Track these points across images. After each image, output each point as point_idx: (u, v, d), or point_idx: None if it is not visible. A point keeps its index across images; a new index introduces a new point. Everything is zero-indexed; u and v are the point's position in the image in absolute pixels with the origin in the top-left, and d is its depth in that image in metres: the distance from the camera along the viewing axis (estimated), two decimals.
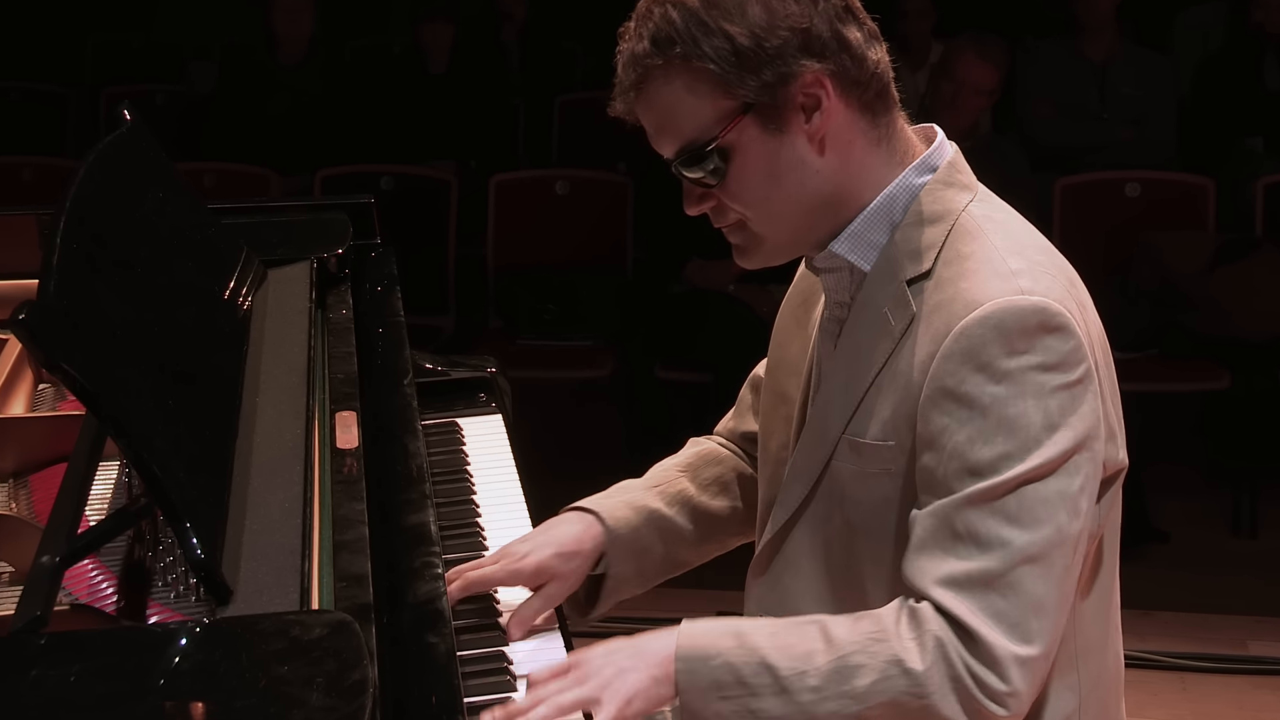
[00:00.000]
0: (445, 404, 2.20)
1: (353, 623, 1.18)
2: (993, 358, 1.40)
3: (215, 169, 4.67)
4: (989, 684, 1.39)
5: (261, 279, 2.01)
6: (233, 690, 1.11)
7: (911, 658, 1.40)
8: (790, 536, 1.60)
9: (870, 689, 1.41)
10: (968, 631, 1.39)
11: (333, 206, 2.35)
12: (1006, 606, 1.39)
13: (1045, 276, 1.45)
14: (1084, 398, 1.42)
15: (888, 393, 1.48)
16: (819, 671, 1.42)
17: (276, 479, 1.52)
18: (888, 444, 1.48)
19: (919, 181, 1.52)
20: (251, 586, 1.33)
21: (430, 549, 1.61)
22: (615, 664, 1.46)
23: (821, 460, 1.55)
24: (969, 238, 1.48)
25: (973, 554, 1.40)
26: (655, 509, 1.73)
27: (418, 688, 1.39)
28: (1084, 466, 1.42)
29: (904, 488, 1.48)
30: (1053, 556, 1.41)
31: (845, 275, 1.55)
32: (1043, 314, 1.41)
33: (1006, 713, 1.40)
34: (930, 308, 1.46)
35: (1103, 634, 1.58)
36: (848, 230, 1.52)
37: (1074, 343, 1.42)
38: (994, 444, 1.40)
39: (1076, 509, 1.42)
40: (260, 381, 1.73)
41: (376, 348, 2.05)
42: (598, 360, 4.34)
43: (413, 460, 1.78)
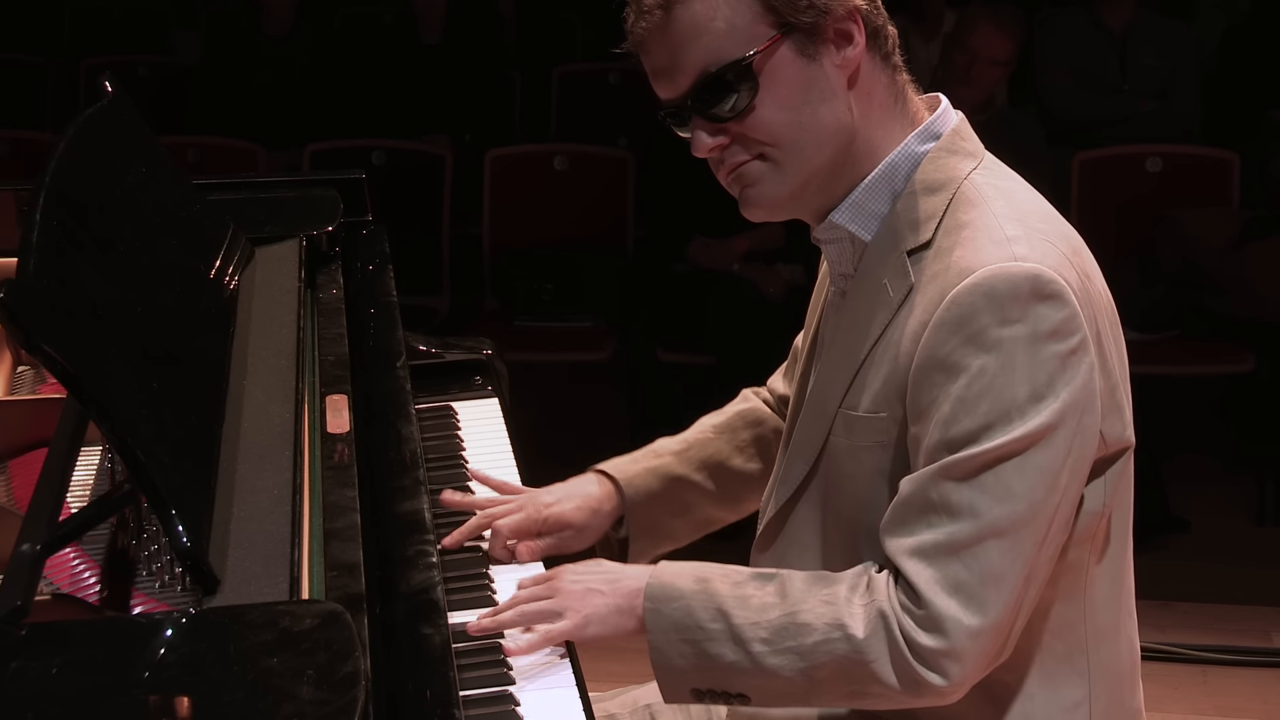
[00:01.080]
0: (439, 387, 2.21)
1: (344, 613, 1.18)
2: (983, 326, 1.42)
3: (200, 143, 4.67)
4: (929, 653, 1.43)
5: (248, 258, 2.01)
6: (220, 683, 1.12)
7: (855, 624, 1.46)
8: (794, 513, 1.62)
9: (814, 648, 1.48)
10: (924, 605, 1.43)
11: (322, 182, 2.35)
12: (967, 577, 1.43)
13: (1042, 243, 1.46)
14: (1077, 369, 1.43)
15: (882, 364, 1.50)
16: (770, 624, 1.49)
17: (265, 465, 1.52)
18: (879, 416, 1.50)
19: (921, 149, 1.53)
20: (239, 576, 1.33)
21: (424, 537, 1.61)
22: (586, 584, 1.57)
23: (821, 435, 1.57)
24: (969, 206, 1.50)
25: (943, 523, 1.44)
26: (681, 475, 1.81)
27: (412, 681, 1.39)
28: (1069, 440, 1.43)
29: (896, 460, 1.50)
30: (1022, 532, 1.43)
31: (847, 246, 1.56)
32: (1035, 281, 1.42)
33: (945, 682, 1.44)
34: (928, 277, 1.48)
35: (1114, 620, 1.59)
36: (848, 200, 1.53)
37: (1068, 311, 1.42)
38: (976, 414, 1.42)
39: (1055, 484, 1.43)
40: (248, 364, 1.74)
41: (368, 329, 2.05)
42: (597, 342, 4.34)
43: (406, 445, 1.78)
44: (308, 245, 2.12)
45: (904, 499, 1.47)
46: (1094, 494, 1.51)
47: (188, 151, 4.53)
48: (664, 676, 1.53)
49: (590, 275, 4.44)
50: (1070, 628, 1.55)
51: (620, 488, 1.79)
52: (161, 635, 1.18)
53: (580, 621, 1.55)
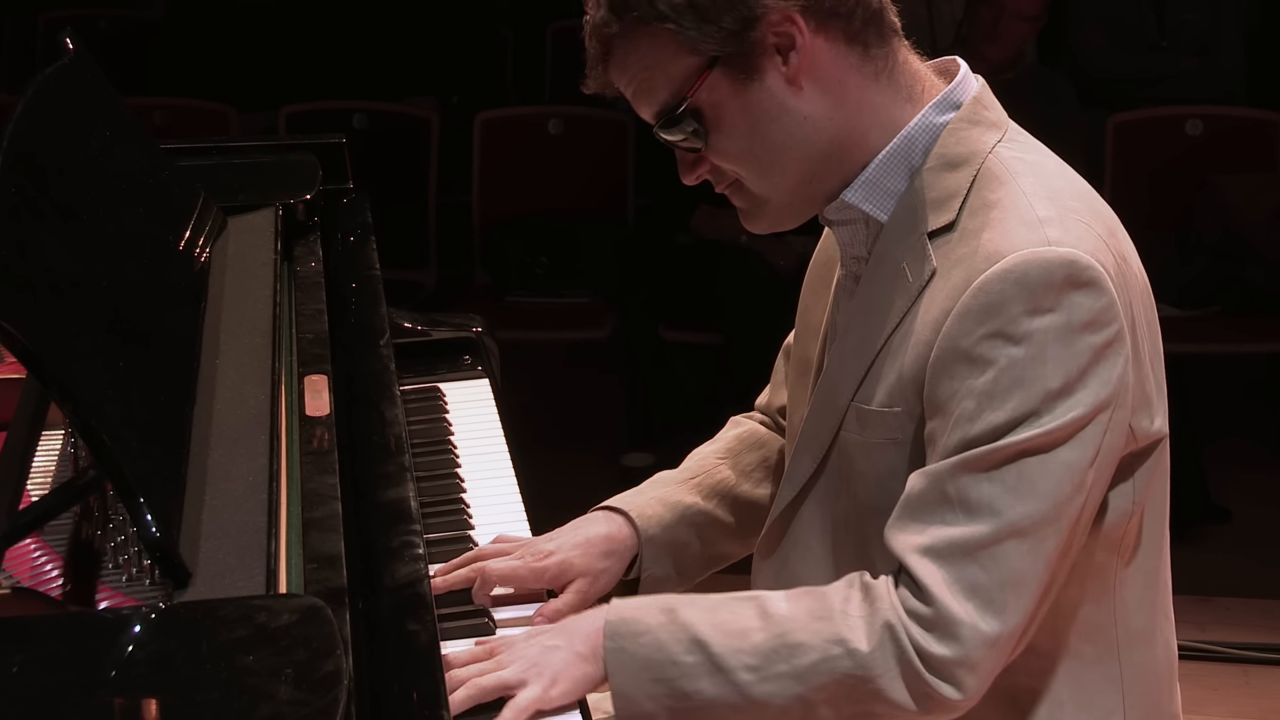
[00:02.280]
0: (426, 367, 2.21)
1: (324, 608, 1.19)
2: (1013, 317, 1.41)
3: (167, 104, 4.66)
4: (942, 663, 1.41)
5: (221, 228, 2.02)
6: (192, 682, 1.12)
7: (857, 637, 1.43)
8: (799, 514, 1.61)
9: (811, 668, 1.44)
10: (934, 604, 1.41)
11: (299, 147, 2.35)
12: (985, 580, 1.42)
13: (1077, 225, 1.45)
14: (1112, 363, 1.43)
15: (899, 354, 1.49)
16: (756, 649, 1.45)
17: (239, 450, 1.52)
18: (893, 410, 1.50)
19: (940, 120, 1.52)
20: (212, 568, 1.34)
21: (410, 527, 1.62)
22: (540, 643, 1.49)
23: (830, 430, 1.56)
24: (996, 183, 1.48)
25: (959, 520, 1.42)
26: (691, 504, 1.74)
27: (397, 680, 1.40)
28: (1098, 438, 1.43)
29: (911, 458, 1.49)
30: (1045, 532, 1.42)
31: (860, 228, 1.55)
32: (1070, 267, 1.41)
33: (959, 695, 1.42)
34: (951, 262, 1.47)
35: (1149, 622, 1.59)
36: (861, 177, 1.53)
37: (1105, 300, 1.42)
38: (1003, 409, 1.41)
39: (1081, 483, 1.43)
40: (220, 342, 1.74)
41: (349, 305, 2.06)
42: (595, 319, 4.34)
43: (390, 429, 1.79)
44: (284, 215, 2.12)
45: (916, 493, 1.45)
46: (1123, 493, 1.51)
47: (154, 113, 4.53)
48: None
49: (587, 247, 4.45)
50: (1100, 631, 1.55)
51: (633, 521, 1.71)
52: (129, 631, 1.18)
53: (546, 683, 1.47)
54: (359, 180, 2.37)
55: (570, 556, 1.67)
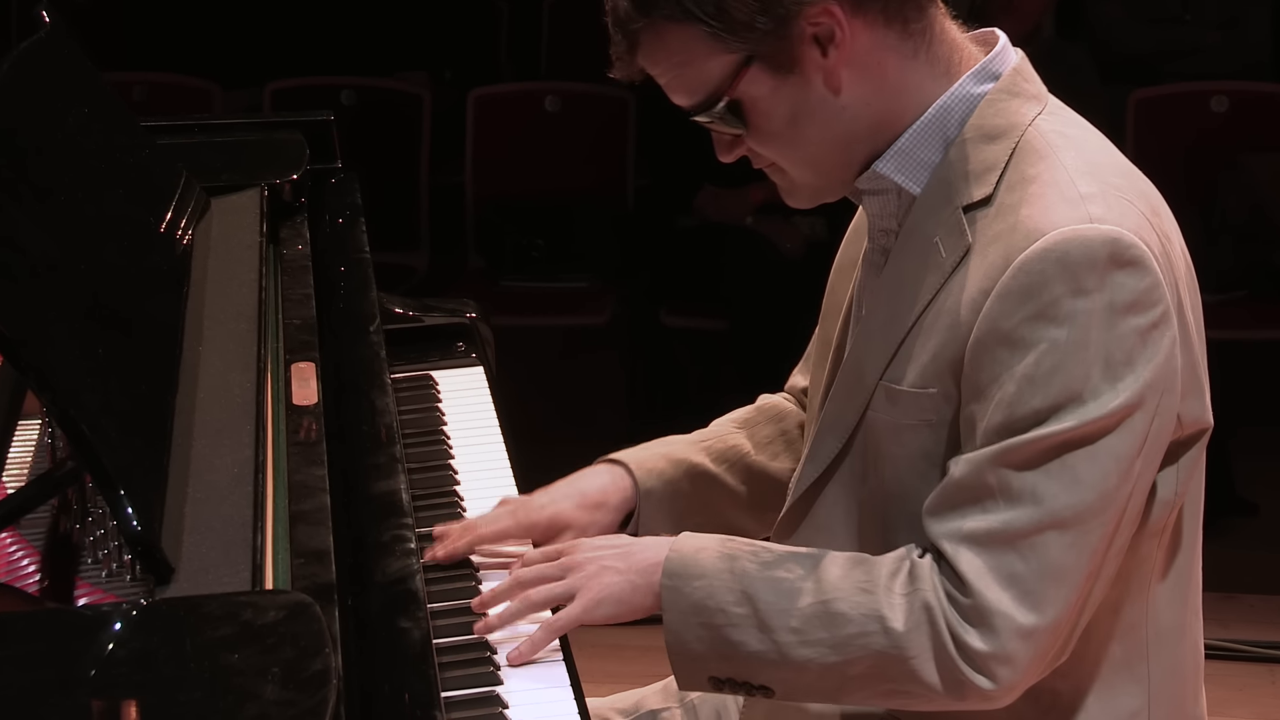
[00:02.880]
0: (418, 354, 2.22)
1: (313, 605, 1.19)
2: (1055, 297, 1.41)
3: (147, 80, 4.66)
4: (976, 653, 1.43)
5: (204, 209, 2.02)
6: (175, 681, 1.13)
7: (895, 616, 1.46)
8: (822, 496, 1.62)
9: (848, 640, 1.47)
10: (971, 594, 1.43)
11: (286, 125, 2.35)
12: (1024, 570, 1.43)
13: (1121, 203, 1.46)
14: (1158, 345, 1.43)
15: (932, 333, 1.50)
16: (801, 612, 1.49)
17: (223, 440, 1.53)
18: (928, 391, 1.50)
19: (978, 91, 1.52)
20: (196, 563, 1.34)
21: (401, 520, 1.62)
22: (599, 561, 1.56)
23: (857, 410, 1.57)
24: (1036, 157, 1.49)
25: (1000, 508, 1.43)
26: (697, 464, 1.77)
27: (388, 679, 1.41)
28: (1146, 425, 1.43)
29: (946, 442, 1.50)
30: (1089, 524, 1.43)
31: (892, 199, 1.56)
32: (1114, 246, 1.42)
33: (994, 686, 1.44)
34: (988, 238, 1.47)
35: (1179, 620, 1.59)
36: (895, 147, 1.53)
37: (1150, 280, 1.42)
38: (1046, 394, 1.42)
39: (1129, 472, 1.44)
40: (204, 328, 1.75)
41: (338, 289, 2.06)
42: (594, 304, 4.34)
43: (381, 419, 1.79)
44: (270, 195, 2.12)
45: (956, 480, 1.46)
46: (1166, 482, 1.51)
47: (133, 89, 4.53)
48: (680, 661, 1.53)
49: (586, 229, 4.45)
50: (1132, 630, 1.56)
51: (632, 473, 1.75)
52: (109, 629, 1.19)
53: (590, 603, 1.55)
54: (348, 160, 2.37)
55: (562, 508, 1.73)
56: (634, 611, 1.55)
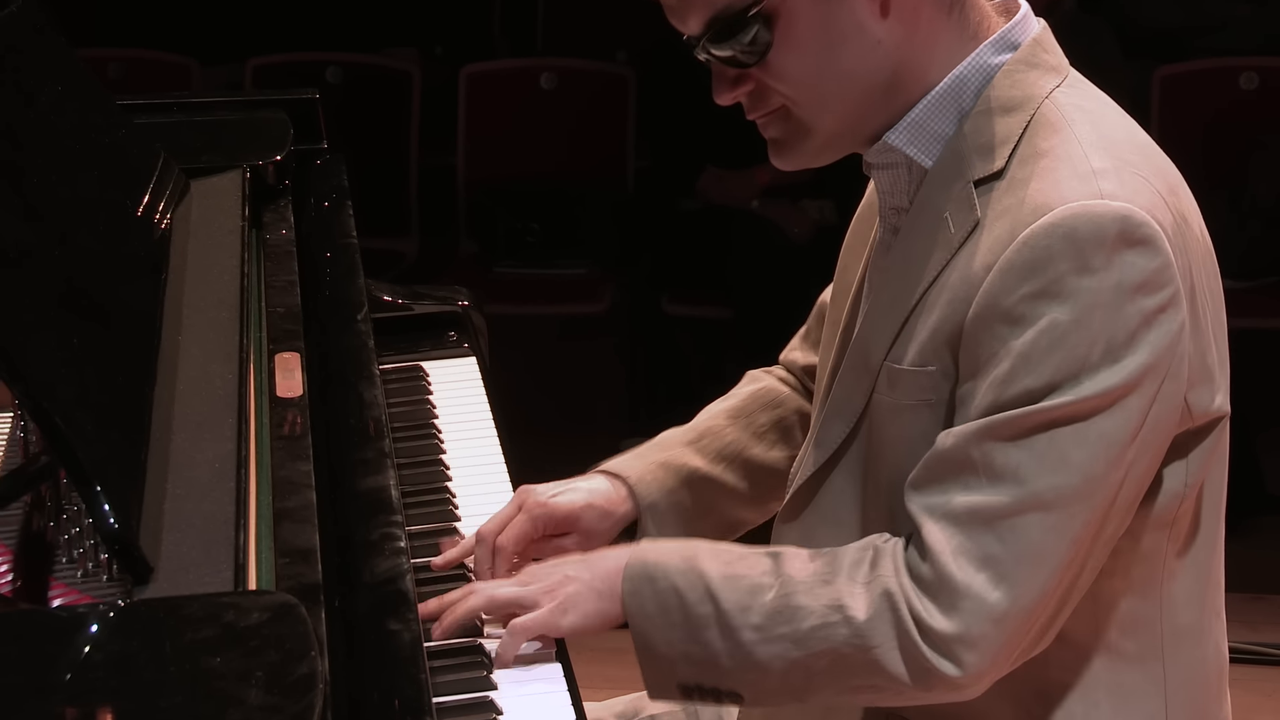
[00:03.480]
0: (408, 344, 2.22)
1: (298, 606, 1.19)
2: (1060, 274, 1.41)
3: (123, 56, 4.66)
4: (940, 636, 1.44)
5: (183, 192, 2.02)
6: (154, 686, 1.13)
7: (856, 605, 1.47)
8: (827, 483, 1.63)
9: (809, 634, 1.48)
10: (941, 574, 1.44)
11: (268, 104, 2.36)
12: (1001, 552, 1.43)
13: (1134, 179, 1.46)
14: (1164, 329, 1.43)
15: (933, 310, 1.50)
16: (763, 608, 1.50)
17: (204, 434, 1.53)
18: (927, 369, 1.51)
19: (995, 61, 1.53)
20: (175, 562, 1.34)
21: (390, 518, 1.62)
22: (561, 571, 1.58)
23: (864, 393, 1.57)
24: (1050, 131, 1.49)
25: (981, 486, 1.44)
26: (695, 469, 1.78)
27: (377, 684, 1.41)
28: (1142, 410, 1.43)
29: (944, 422, 1.50)
30: (1073, 509, 1.43)
31: (903, 173, 1.56)
32: (1124, 223, 1.42)
33: (959, 672, 1.44)
34: (996, 213, 1.47)
35: (1199, 619, 1.59)
36: (907, 118, 1.53)
37: (1160, 261, 1.42)
38: (1041, 372, 1.42)
39: (1119, 458, 1.44)
40: (183, 317, 1.75)
41: (324, 276, 2.06)
42: (592, 292, 4.35)
43: (369, 412, 1.80)
44: (252, 178, 2.12)
45: (939, 453, 1.47)
46: (1175, 473, 1.51)
47: (108, 66, 4.53)
48: (649, 667, 1.54)
49: (584, 213, 4.45)
50: (1144, 627, 1.56)
51: (632, 488, 1.75)
52: (86, 631, 1.19)
53: (555, 610, 1.56)
54: (334, 140, 2.37)
55: (575, 503, 1.74)
56: (601, 621, 1.56)
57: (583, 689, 1.57)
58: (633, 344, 4.49)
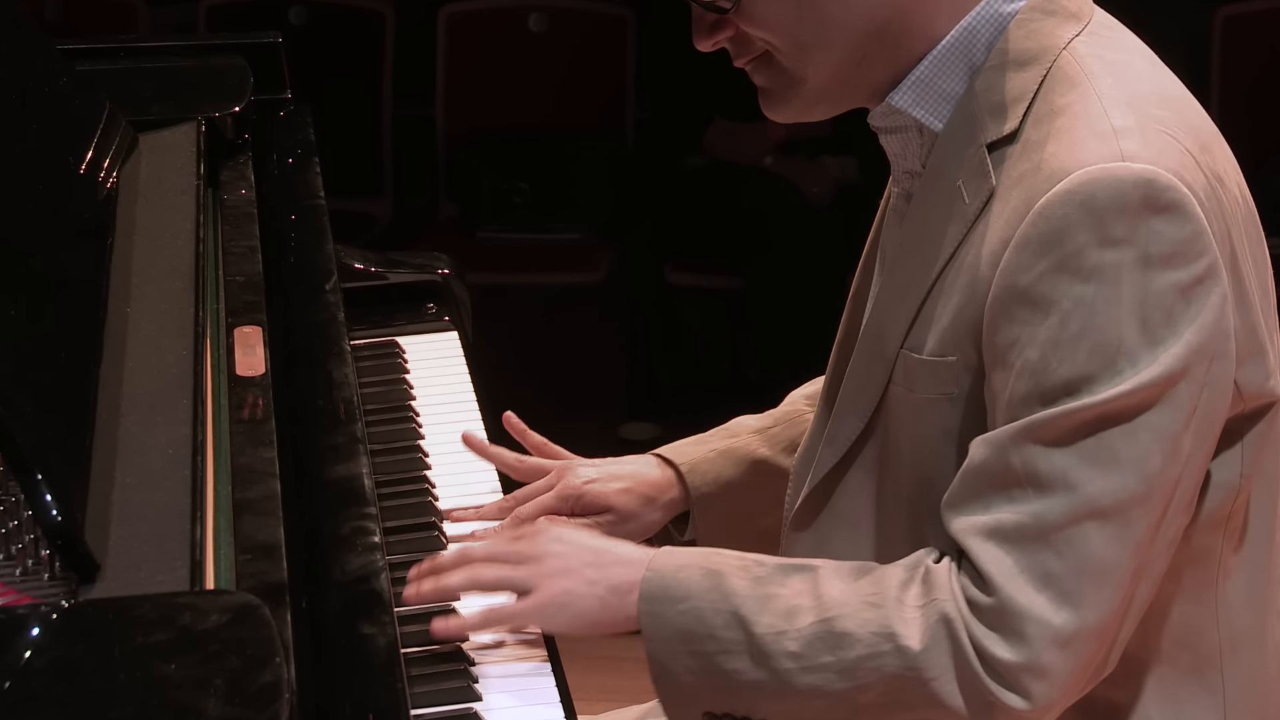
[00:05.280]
0: (382, 317, 2.22)
1: (261, 607, 1.20)
2: (1079, 247, 1.41)
3: None
4: (1006, 666, 1.43)
5: (131, 147, 2.02)
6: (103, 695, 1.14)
7: (909, 633, 1.46)
8: (842, 484, 1.63)
9: (856, 664, 1.47)
10: (998, 596, 1.43)
11: (225, 48, 2.36)
12: (1059, 567, 1.43)
13: (1160, 138, 1.45)
14: (1203, 303, 1.43)
15: (952, 292, 1.50)
16: (801, 634, 1.49)
17: (156, 417, 1.54)
18: (946, 360, 1.51)
19: (1008, 9, 1.52)
20: (125, 559, 1.35)
21: (363, 510, 1.63)
22: (565, 560, 1.57)
23: (879, 383, 1.58)
24: (1068, 85, 1.49)
25: (1029, 498, 1.44)
26: (763, 459, 1.82)
27: (349, 694, 1.42)
28: (1193, 396, 1.43)
29: (968, 417, 1.50)
30: (1132, 513, 1.43)
31: (913, 137, 1.57)
32: (1148, 187, 1.42)
33: (1028, 705, 1.44)
34: (1011, 180, 1.48)
35: (1257, 621, 1.60)
36: (912, 76, 1.53)
37: (1191, 228, 1.42)
38: (1074, 361, 1.42)
39: (1175, 451, 1.43)
40: (132, 286, 1.75)
41: (288, 241, 2.07)
42: (587, 259, 4.35)
43: (339, 392, 1.80)
44: (207, 131, 2.12)
45: (976, 465, 1.46)
46: (1228, 463, 1.52)
47: (45, 5, 4.52)
48: (668, 695, 1.54)
49: (578, 171, 4.45)
50: (1199, 634, 1.56)
51: (682, 475, 1.78)
52: (26, 635, 1.19)
53: (546, 605, 1.56)
54: (298, 89, 2.37)
55: (610, 490, 1.78)
56: (595, 630, 1.57)
57: (577, 701, 1.57)
58: (632, 317, 4.48)
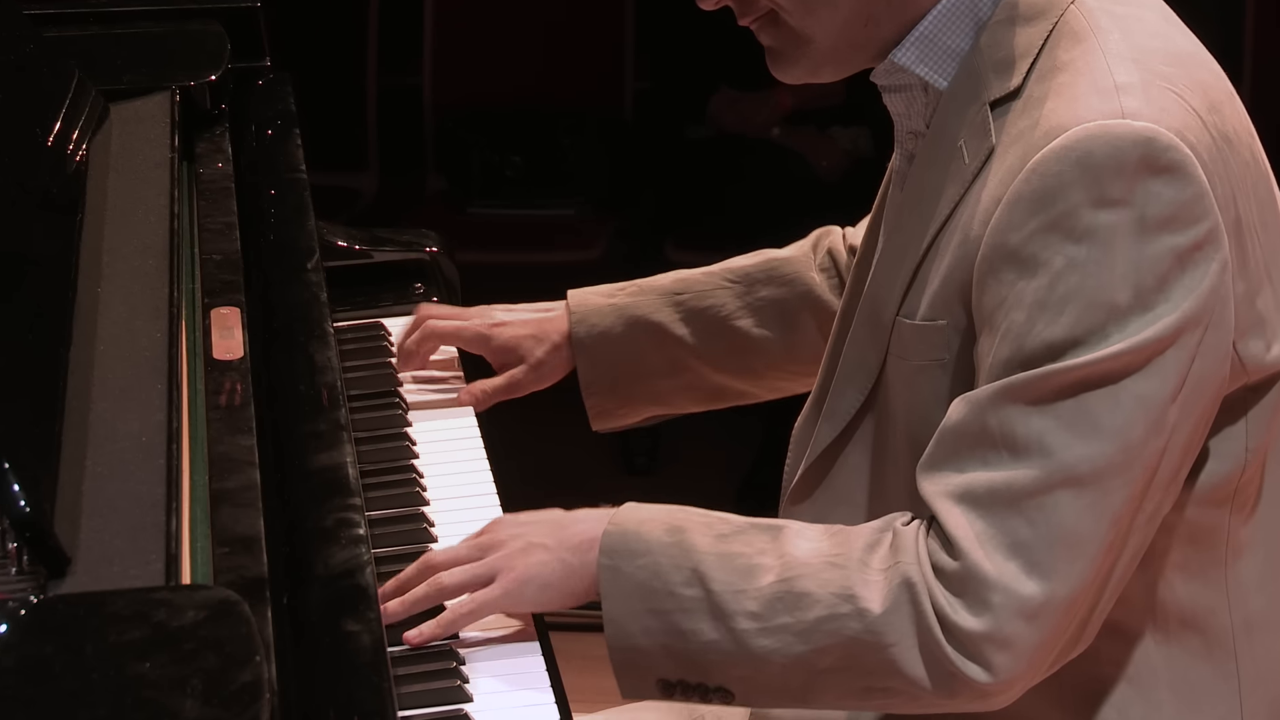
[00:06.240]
0: (367, 298, 2.23)
1: (240, 603, 1.20)
2: (1073, 206, 1.42)
3: None
4: (967, 635, 1.44)
5: (101, 118, 2.02)
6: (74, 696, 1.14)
7: (870, 595, 1.47)
8: (842, 459, 1.65)
9: (815, 626, 1.49)
10: (962, 559, 1.44)
11: (201, 13, 2.35)
12: (1029, 535, 1.44)
13: (1164, 95, 1.47)
14: (1201, 270, 1.44)
15: (945, 254, 1.52)
16: (761, 594, 1.50)
17: (129, 403, 1.54)
18: (937, 324, 1.53)
19: None
20: (97, 552, 1.35)
21: (347, 501, 1.63)
22: (525, 537, 1.61)
23: (878, 354, 1.59)
24: (1073, 41, 1.50)
25: (1003, 461, 1.45)
26: (655, 322, 1.94)
27: (332, 694, 1.42)
28: (1183, 365, 1.44)
29: (959, 384, 1.52)
30: (1110, 483, 1.44)
31: (918, 95, 1.58)
32: (1148, 146, 1.43)
33: (989, 677, 1.45)
34: (1010, 138, 1.49)
35: (1274, 602, 1.61)
36: (916, 32, 1.55)
37: (1192, 191, 1.43)
38: (1060, 323, 1.43)
39: (1160, 422, 1.44)
40: (104, 265, 1.75)
41: (268, 217, 2.07)
42: (584, 236, 4.35)
43: (321, 377, 1.80)
44: (182, 101, 2.12)
45: (953, 424, 1.47)
46: (1231, 437, 1.53)
47: None
48: (623, 660, 1.54)
49: (573, 144, 4.44)
50: (1210, 616, 1.57)
51: (570, 322, 1.93)
52: None
53: (510, 585, 1.58)
54: (278, 57, 2.37)
55: (519, 334, 1.95)
56: (568, 597, 1.58)
57: (573, 703, 1.58)
58: None
